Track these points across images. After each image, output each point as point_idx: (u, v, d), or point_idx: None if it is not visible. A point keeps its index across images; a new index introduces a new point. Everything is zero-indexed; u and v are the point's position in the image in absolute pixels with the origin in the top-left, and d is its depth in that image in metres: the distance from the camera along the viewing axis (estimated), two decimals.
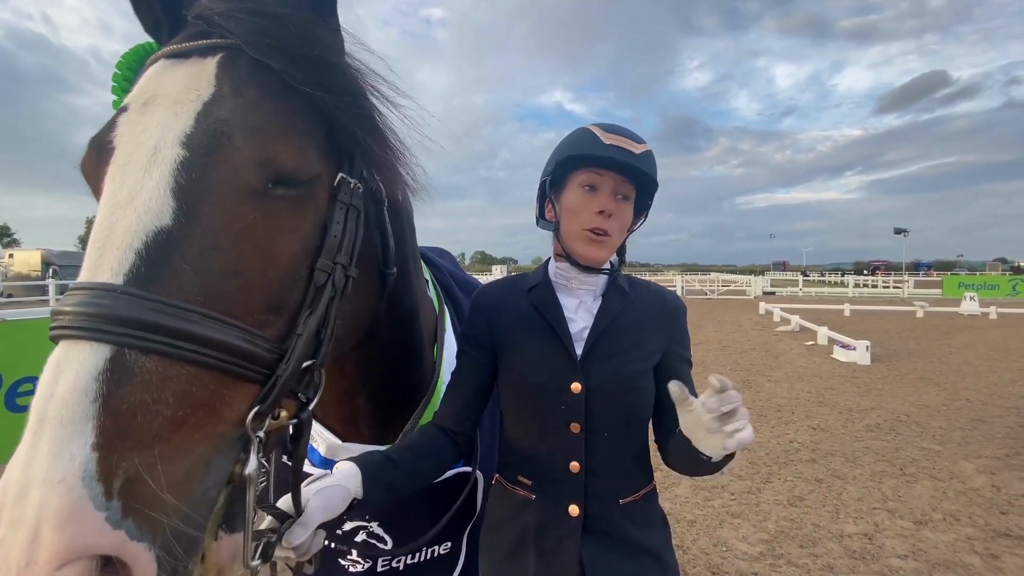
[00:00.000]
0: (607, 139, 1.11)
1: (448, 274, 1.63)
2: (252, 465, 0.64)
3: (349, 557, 1.26)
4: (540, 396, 1.13)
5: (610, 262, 1.23)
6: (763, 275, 45.30)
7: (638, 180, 1.16)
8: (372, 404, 1.23)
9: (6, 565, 0.48)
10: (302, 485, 0.88)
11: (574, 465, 1.12)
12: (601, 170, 1.12)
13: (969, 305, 18.28)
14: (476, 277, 2.05)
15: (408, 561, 1.29)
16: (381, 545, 1.26)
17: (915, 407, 6.56)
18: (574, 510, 1.11)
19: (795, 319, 14.05)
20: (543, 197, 1.25)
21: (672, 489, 4.22)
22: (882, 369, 8.90)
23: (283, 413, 0.71)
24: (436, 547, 1.32)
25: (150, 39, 0.85)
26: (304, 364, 0.72)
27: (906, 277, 38.77)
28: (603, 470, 1.13)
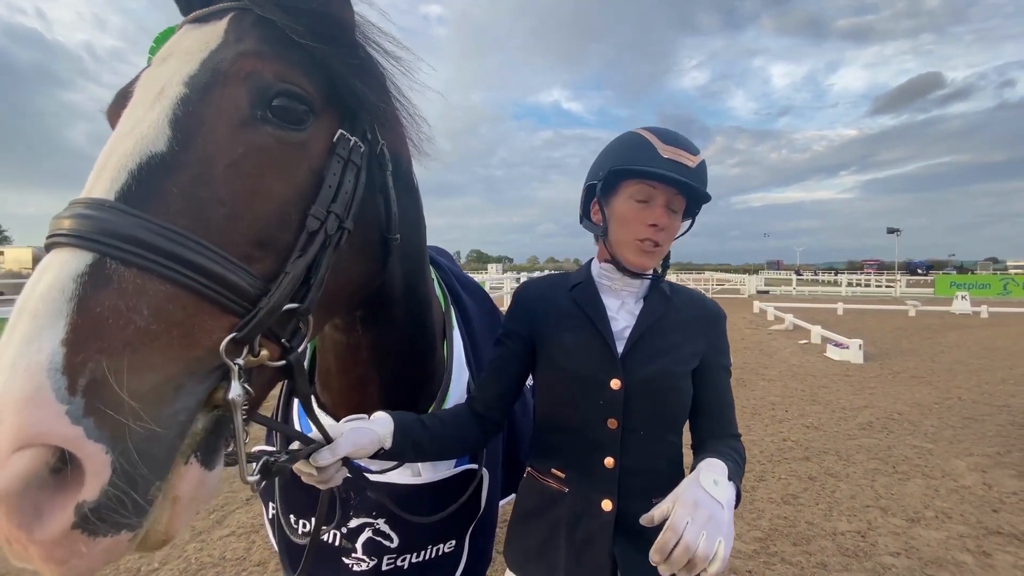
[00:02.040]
0: (665, 152, 1.11)
1: (450, 272, 1.64)
2: (235, 391, 0.63)
3: (354, 555, 1.26)
4: (579, 391, 1.16)
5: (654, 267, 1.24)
6: (757, 274, 45.52)
7: (690, 193, 1.16)
8: (384, 395, 1.23)
9: None
10: (340, 421, 0.97)
11: (609, 460, 1.14)
12: (656, 183, 1.12)
13: (961, 304, 18.43)
14: (472, 276, 2.05)
15: (413, 560, 1.28)
16: (387, 543, 1.26)
17: (907, 405, 6.61)
18: (607, 505, 1.13)
19: (789, 318, 14.12)
20: (589, 198, 1.25)
21: None
22: (875, 368, 8.96)
23: (263, 352, 0.70)
24: (440, 545, 1.31)
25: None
26: (288, 306, 0.72)
27: (899, 276, 39.02)
28: (637, 467, 1.14)
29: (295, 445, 0.88)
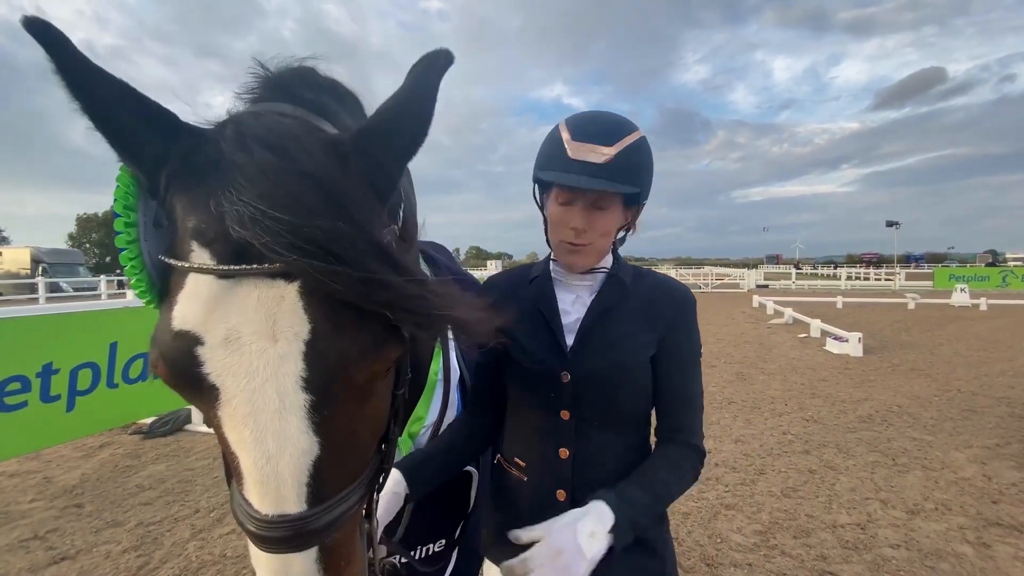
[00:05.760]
0: (575, 151, 1.06)
1: (447, 270, 1.61)
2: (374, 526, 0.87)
3: None
4: (533, 383, 1.17)
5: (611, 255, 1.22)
6: (756, 268, 45.53)
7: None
8: None
9: None
10: None
11: (563, 451, 1.14)
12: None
13: (960, 297, 18.43)
14: (471, 273, 2.03)
15: (402, 560, 1.28)
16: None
17: (907, 398, 6.62)
18: (561, 495, 1.14)
19: (788, 312, 14.11)
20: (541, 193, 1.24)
21: None
22: (874, 361, 8.97)
23: None
24: (431, 545, 1.31)
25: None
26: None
27: (898, 269, 39.03)
28: (593, 458, 1.14)
29: None
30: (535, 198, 1.22)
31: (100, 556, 3.23)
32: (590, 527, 0.92)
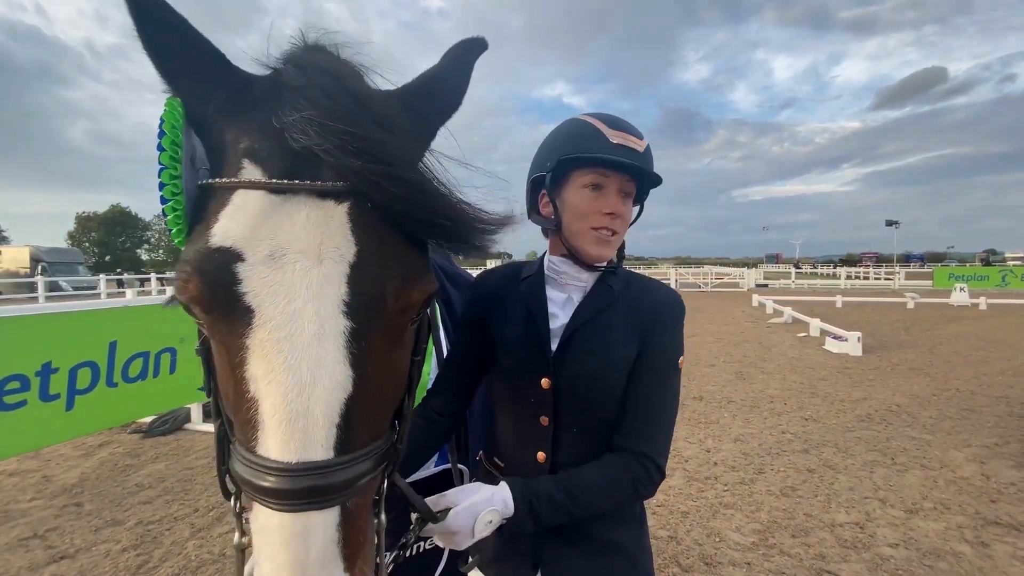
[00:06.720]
0: (614, 137, 1.08)
1: (439, 267, 1.60)
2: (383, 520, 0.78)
3: None
4: (513, 387, 1.16)
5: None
6: (756, 267, 45.54)
7: (641, 176, 1.13)
8: None
9: None
10: None
11: (541, 455, 1.15)
12: (607, 170, 1.09)
13: (959, 296, 18.44)
14: (469, 271, 2.03)
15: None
16: None
17: (906, 397, 6.63)
18: None
19: (788, 311, 14.12)
20: (536, 191, 1.20)
21: (666, 480, 4.25)
22: (873, 360, 8.98)
23: None
24: (421, 543, 1.31)
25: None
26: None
27: (897, 268, 39.05)
28: (570, 463, 1.12)
29: None
30: (542, 192, 1.18)
31: (100, 555, 3.24)
32: (489, 516, 0.95)
